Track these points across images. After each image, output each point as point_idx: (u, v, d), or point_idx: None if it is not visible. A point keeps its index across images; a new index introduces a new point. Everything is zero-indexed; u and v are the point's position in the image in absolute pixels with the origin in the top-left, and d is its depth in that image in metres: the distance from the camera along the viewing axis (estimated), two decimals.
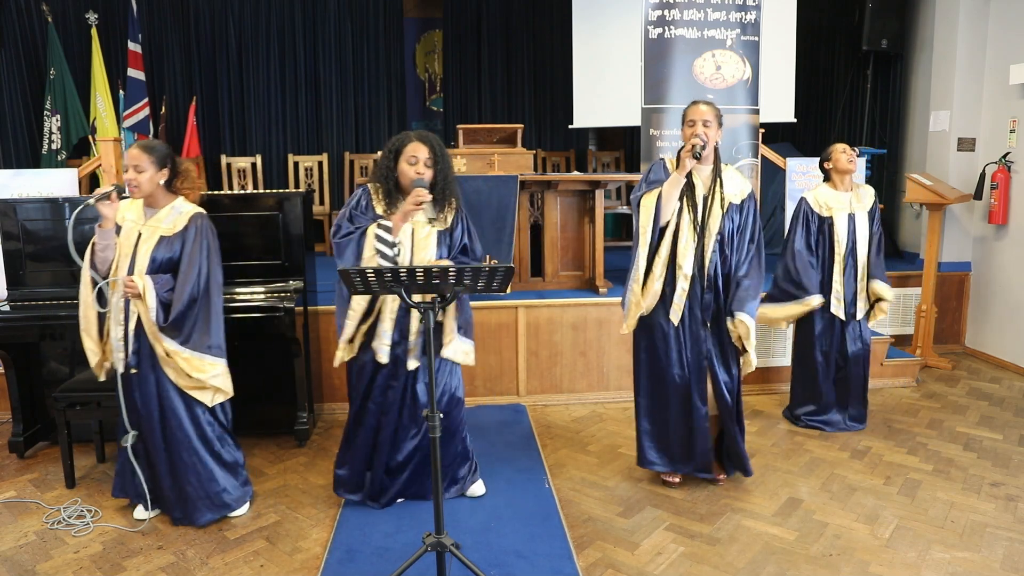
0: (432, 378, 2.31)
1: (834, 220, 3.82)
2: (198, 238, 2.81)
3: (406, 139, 2.81)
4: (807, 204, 3.88)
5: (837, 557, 2.69)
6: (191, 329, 2.77)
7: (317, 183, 6.62)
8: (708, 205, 3.02)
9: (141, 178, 2.75)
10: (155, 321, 2.71)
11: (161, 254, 2.78)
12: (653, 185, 3.04)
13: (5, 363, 3.62)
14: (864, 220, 3.86)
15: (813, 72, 6.77)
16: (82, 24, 6.29)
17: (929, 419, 4.12)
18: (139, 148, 2.77)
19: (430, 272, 2.23)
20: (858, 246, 3.84)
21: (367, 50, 6.86)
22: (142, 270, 2.75)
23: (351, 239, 2.78)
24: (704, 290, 3.03)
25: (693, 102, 3.08)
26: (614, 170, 7.13)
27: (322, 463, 3.56)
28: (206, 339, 2.79)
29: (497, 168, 4.79)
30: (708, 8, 4.55)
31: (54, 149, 6.10)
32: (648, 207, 3.00)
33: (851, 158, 3.83)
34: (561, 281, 4.71)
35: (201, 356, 2.78)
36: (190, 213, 2.85)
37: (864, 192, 3.91)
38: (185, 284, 2.76)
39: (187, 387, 2.82)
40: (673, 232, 3.01)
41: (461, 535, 2.77)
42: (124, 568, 2.65)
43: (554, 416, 4.21)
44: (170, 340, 2.74)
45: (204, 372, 2.79)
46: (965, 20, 5.29)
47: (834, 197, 3.86)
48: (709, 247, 3.01)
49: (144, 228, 2.81)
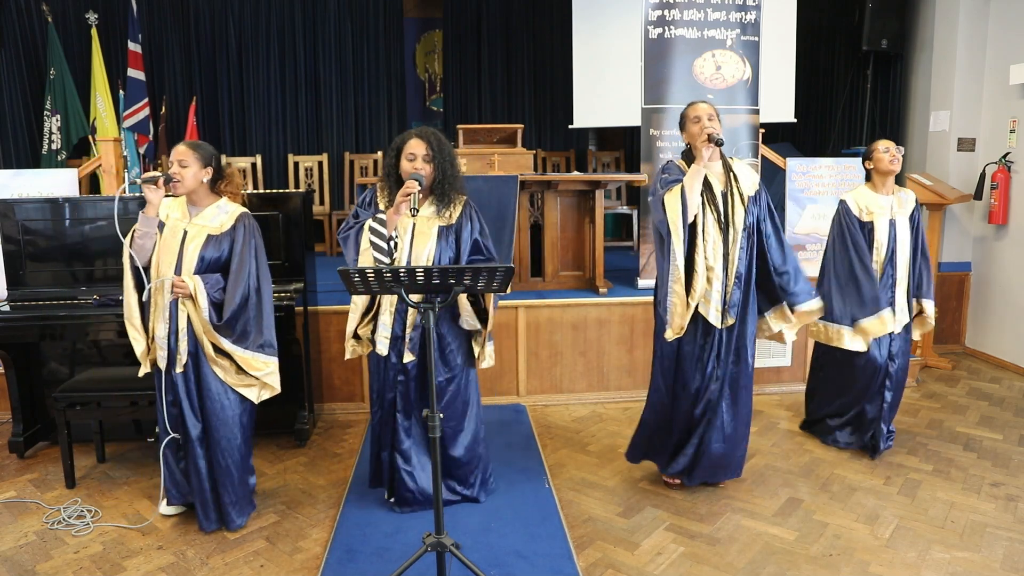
0: (432, 378, 2.31)
1: (875, 225, 3.52)
2: (247, 238, 2.82)
3: (407, 136, 2.84)
4: (846, 207, 3.57)
5: (837, 557, 2.69)
6: (245, 328, 2.78)
7: (317, 183, 6.62)
8: (729, 201, 2.97)
9: (185, 173, 2.74)
10: (208, 320, 2.71)
11: (210, 253, 2.78)
12: (672, 183, 2.98)
13: (5, 363, 3.62)
14: (905, 226, 3.55)
15: (813, 72, 6.77)
16: (82, 24, 6.29)
17: (929, 419, 4.12)
18: (186, 145, 2.78)
19: (430, 272, 2.24)
20: (898, 254, 3.52)
21: (367, 50, 6.86)
22: (190, 269, 2.74)
23: (351, 233, 2.84)
24: (732, 287, 2.97)
25: (691, 103, 3.06)
26: (614, 170, 7.12)
27: (322, 463, 3.57)
28: (259, 338, 2.81)
29: (497, 168, 4.79)
30: (708, 8, 4.55)
31: (54, 149, 6.10)
32: (674, 203, 2.92)
33: (893, 157, 3.51)
34: (561, 281, 4.71)
35: (255, 355, 2.81)
36: (236, 213, 2.85)
37: (906, 197, 3.61)
38: (237, 284, 2.76)
39: (236, 384, 2.83)
40: (701, 232, 2.95)
41: (461, 535, 2.77)
42: (124, 568, 2.65)
43: (554, 416, 4.21)
44: (226, 340, 2.75)
45: (260, 370, 2.82)
46: (965, 20, 5.29)
47: (875, 200, 3.55)
48: (736, 243, 2.96)
49: (190, 226, 2.80)
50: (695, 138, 2.97)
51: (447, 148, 2.85)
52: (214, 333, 2.73)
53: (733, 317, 2.99)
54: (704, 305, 2.97)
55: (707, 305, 2.97)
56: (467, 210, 2.89)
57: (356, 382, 4.29)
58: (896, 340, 3.55)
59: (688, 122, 3.02)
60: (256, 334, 2.81)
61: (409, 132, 2.86)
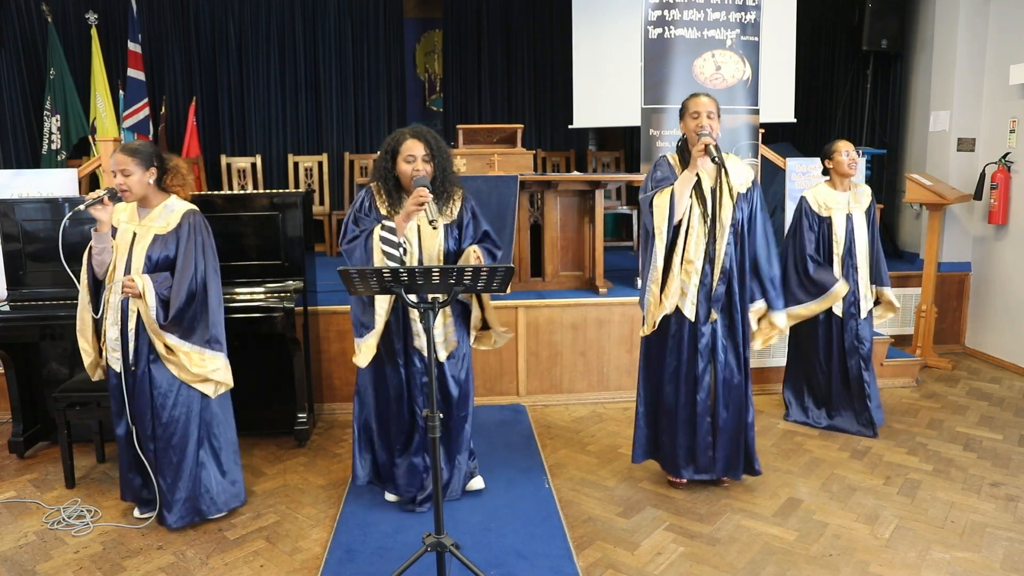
0: (432, 378, 2.31)
1: (832, 220, 3.83)
2: (192, 235, 2.82)
3: (401, 137, 2.80)
4: (807, 204, 3.88)
5: (837, 557, 2.69)
6: (191, 324, 2.80)
7: (317, 183, 6.62)
8: (718, 196, 2.96)
9: (130, 182, 2.74)
10: (155, 319, 2.72)
11: (157, 253, 2.79)
12: (661, 184, 2.99)
13: (5, 363, 3.62)
14: (862, 220, 3.86)
15: (813, 72, 6.76)
16: (82, 24, 6.29)
17: (929, 419, 4.12)
18: (122, 152, 2.75)
19: (430, 272, 2.24)
20: (856, 246, 3.83)
21: (367, 50, 6.86)
22: (139, 269, 2.76)
23: (357, 243, 2.80)
24: (717, 283, 2.98)
25: (693, 95, 3.03)
26: (614, 170, 7.12)
27: (322, 463, 3.57)
28: (205, 334, 2.82)
29: (497, 168, 4.79)
30: (708, 8, 4.55)
31: (54, 149, 6.10)
32: (662, 207, 2.95)
33: (852, 161, 3.78)
34: (561, 281, 4.71)
35: (201, 350, 2.82)
36: (182, 211, 2.86)
37: (862, 192, 3.91)
38: (182, 281, 2.78)
39: (190, 381, 2.84)
40: (685, 227, 2.96)
41: (461, 535, 2.77)
42: (124, 568, 2.65)
43: (554, 416, 4.21)
44: (171, 336, 2.76)
45: (205, 367, 2.82)
46: (965, 20, 5.29)
47: (832, 197, 3.86)
48: (723, 239, 2.96)
49: (138, 228, 2.82)
50: (691, 132, 2.97)
51: (443, 145, 2.85)
52: (160, 332, 2.74)
53: (716, 312, 3.01)
54: (681, 299, 3.00)
55: (684, 299, 3.00)
56: (465, 203, 2.92)
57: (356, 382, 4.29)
58: (862, 325, 3.86)
59: (687, 115, 3.00)
60: (203, 330, 2.82)
61: (402, 132, 2.82)
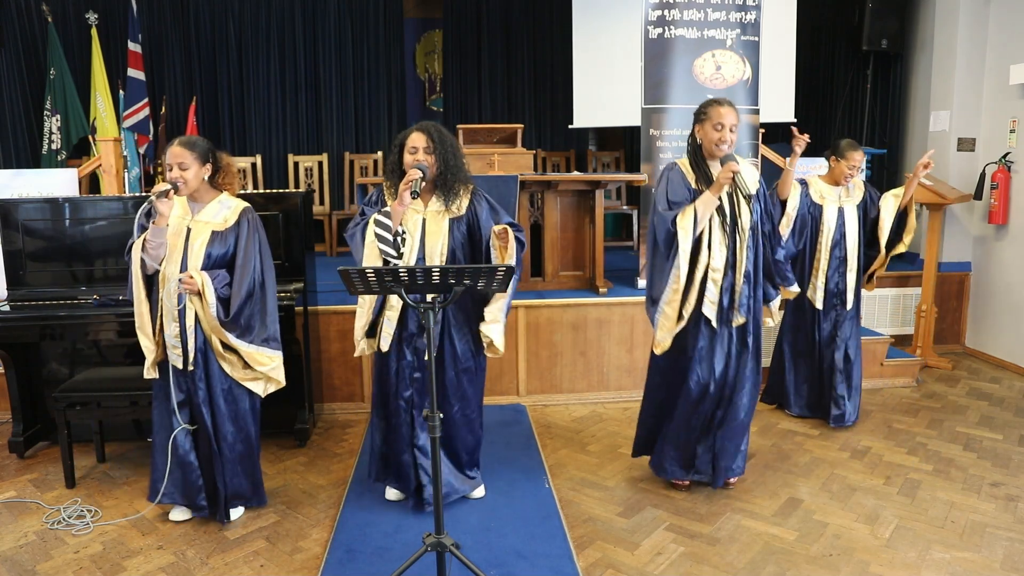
0: (432, 378, 2.31)
1: (823, 210, 3.86)
2: (251, 233, 2.82)
3: (408, 132, 2.85)
4: (806, 189, 3.90)
5: (837, 557, 2.69)
6: (248, 323, 2.79)
7: (317, 183, 6.62)
8: (736, 202, 2.95)
9: (187, 175, 2.71)
10: (215, 315, 2.71)
11: (216, 250, 2.77)
12: (678, 205, 2.93)
13: (5, 363, 3.62)
14: (853, 214, 3.88)
15: (813, 72, 6.76)
16: (82, 24, 6.29)
17: (929, 419, 4.12)
18: (181, 145, 2.72)
19: (430, 272, 2.24)
20: (847, 239, 3.86)
21: (367, 50, 6.86)
22: (197, 266, 2.73)
23: (357, 229, 2.83)
24: (741, 286, 2.96)
25: (716, 101, 2.92)
26: (614, 170, 7.12)
27: (322, 463, 3.57)
28: (264, 331, 2.83)
29: (497, 168, 4.79)
30: (708, 8, 4.55)
31: (54, 149, 6.10)
32: (687, 229, 2.88)
33: (854, 175, 3.82)
34: (561, 281, 4.71)
35: (261, 349, 2.82)
36: (239, 208, 2.85)
37: (853, 186, 3.93)
38: (243, 279, 2.77)
39: (243, 379, 2.85)
40: (707, 238, 2.92)
41: (461, 535, 2.77)
42: (124, 568, 2.65)
43: (554, 416, 4.21)
44: (231, 335, 2.75)
45: (265, 365, 2.83)
46: (965, 20, 5.29)
47: (827, 188, 3.91)
48: (744, 243, 2.94)
49: (193, 224, 2.79)
50: (711, 143, 2.91)
51: (448, 139, 2.84)
52: (221, 329, 2.73)
53: (743, 316, 2.99)
54: (708, 307, 2.95)
55: (712, 308, 2.95)
56: (476, 198, 2.89)
57: (356, 382, 4.29)
58: (845, 323, 3.92)
59: (708, 123, 2.91)
60: (260, 328, 2.82)
61: (411, 127, 2.87)
